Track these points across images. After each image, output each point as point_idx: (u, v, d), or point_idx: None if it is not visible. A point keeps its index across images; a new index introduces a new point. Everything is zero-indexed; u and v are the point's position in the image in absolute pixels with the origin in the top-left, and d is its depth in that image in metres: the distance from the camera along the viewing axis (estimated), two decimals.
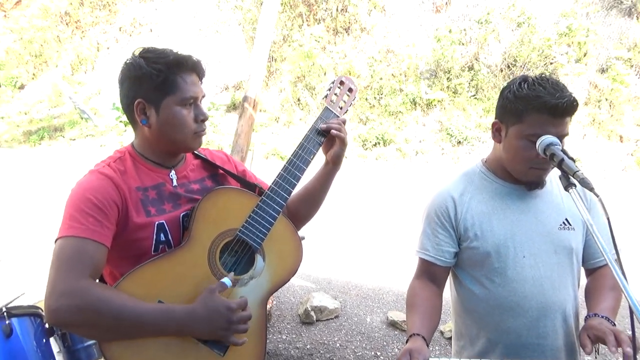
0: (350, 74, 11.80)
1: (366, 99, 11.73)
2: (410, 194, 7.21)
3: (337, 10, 13.31)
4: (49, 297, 1.08)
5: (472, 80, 11.28)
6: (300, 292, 3.88)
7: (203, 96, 1.37)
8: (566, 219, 1.49)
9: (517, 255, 1.45)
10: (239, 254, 1.35)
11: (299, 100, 12.35)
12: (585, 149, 9.62)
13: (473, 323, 1.56)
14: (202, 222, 1.31)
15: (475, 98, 11.16)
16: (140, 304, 1.13)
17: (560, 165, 1.22)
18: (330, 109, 1.53)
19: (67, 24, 17.67)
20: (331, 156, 1.49)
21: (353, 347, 3.05)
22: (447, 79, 11.43)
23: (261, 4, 12.58)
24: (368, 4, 13.28)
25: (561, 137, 1.33)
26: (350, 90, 1.60)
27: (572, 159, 1.23)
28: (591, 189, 1.13)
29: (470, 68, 11.47)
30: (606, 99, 10.45)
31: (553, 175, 1.52)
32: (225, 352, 1.24)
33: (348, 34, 13.27)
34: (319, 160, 1.52)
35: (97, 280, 1.20)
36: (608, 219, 1.15)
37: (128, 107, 1.31)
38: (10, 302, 1.70)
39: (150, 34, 15.97)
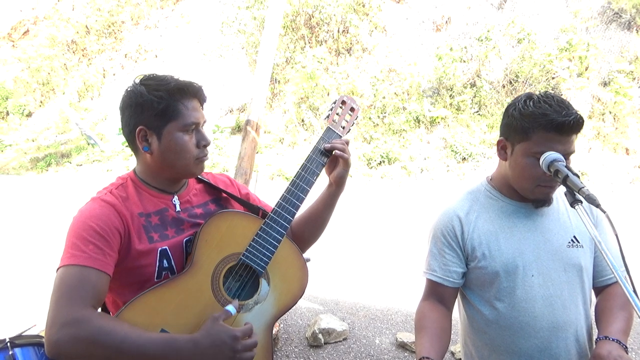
0: (353, 93, 11.90)
1: (370, 118, 11.79)
2: (417, 211, 7.18)
3: (338, 31, 13.48)
4: (49, 328, 1.06)
5: (474, 97, 11.33)
6: (308, 314, 3.84)
7: (204, 121, 1.36)
8: (574, 237, 1.47)
9: (526, 275, 1.42)
10: (243, 278, 1.33)
11: (303, 121, 12.43)
12: (592, 163, 9.58)
13: (483, 345, 1.53)
14: (204, 247, 1.30)
15: (479, 114, 11.19)
16: (143, 335, 1.11)
17: (565, 181, 1.21)
18: (333, 129, 1.51)
19: (73, 52, 18.00)
20: (334, 177, 1.47)
21: None
22: (450, 96, 11.49)
23: (264, 27, 12.80)
24: (369, 25, 13.45)
25: (568, 154, 1.32)
26: (352, 109, 1.57)
27: (576, 175, 1.22)
28: (597, 205, 1.12)
29: (473, 85, 11.53)
30: (610, 112, 10.45)
31: (559, 193, 1.50)
32: None
33: (350, 55, 13.42)
34: (323, 181, 1.51)
35: (100, 309, 1.18)
36: (616, 235, 1.13)
37: (130, 134, 1.31)
38: (21, 333, 1.68)
39: (155, 60, 16.21)
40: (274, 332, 3.14)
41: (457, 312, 1.64)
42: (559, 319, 1.41)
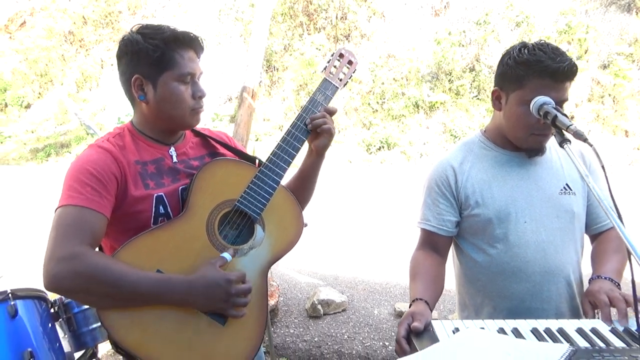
0: (352, 79, 11.87)
1: (369, 104, 11.78)
2: (415, 193, 7.19)
3: (336, 18, 13.43)
4: (47, 262, 1.08)
5: (473, 82, 11.32)
6: (307, 288, 3.87)
7: (201, 73, 1.37)
8: (567, 184, 1.49)
9: (518, 221, 1.44)
10: (238, 224, 1.34)
11: (301, 108, 12.42)
12: (584, 147, 9.57)
13: (477, 292, 1.55)
14: (200, 193, 1.31)
15: (478, 99, 11.18)
16: (139, 273, 1.13)
17: (554, 122, 1.22)
18: (329, 80, 1.51)
19: (71, 43, 17.94)
20: (317, 146, 1.47)
21: (361, 338, 3.03)
22: (449, 81, 11.48)
23: None
24: (367, 11, 13.39)
25: (561, 102, 1.33)
26: (350, 62, 1.57)
27: (566, 116, 1.23)
28: (584, 140, 1.13)
29: (472, 69, 11.51)
30: (609, 95, 10.44)
31: (552, 143, 1.52)
32: (226, 322, 1.23)
33: (349, 41, 13.37)
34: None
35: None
36: (603, 167, 1.15)
37: (126, 83, 1.32)
38: None
39: None
40: (272, 303, 3.17)
41: (451, 283, 1.64)
42: (551, 264, 1.44)
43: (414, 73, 11.82)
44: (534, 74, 1.33)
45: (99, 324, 1.81)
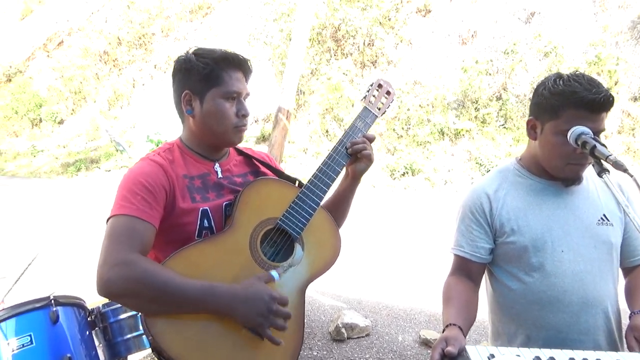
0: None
1: (394, 130, 11.82)
2: (440, 220, 7.14)
3: (364, 44, 13.62)
4: (101, 268, 1.13)
5: (500, 110, 11.27)
6: (331, 311, 3.85)
7: (247, 94, 1.43)
8: (604, 215, 1.47)
9: (555, 250, 1.42)
10: (279, 242, 1.38)
11: (327, 131, 12.53)
12: (621, 178, 9.39)
13: (510, 320, 1.53)
14: (244, 210, 1.35)
15: (504, 127, 11.11)
16: (186, 280, 1.17)
17: (592, 152, 1.22)
18: (369, 108, 1.56)
19: (105, 63, 18.58)
20: (355, 171, 1.51)
21: None
22: (475, 108, 11.45)
23: (290, 39, 13.02)
24: (395, 38, 13.55)
25: (598, 132, 1.32)
26: (388, 93, 1.63)
27: (604, 145, 1.23)
28: (624, 170, 1.13)
29: (499, 98, 11.47)
30: None
31: (589, 173, 1.51)
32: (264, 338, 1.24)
33: (375, 67, 13.51)
34: None
35: None
36: None
37: (177, 98, 1.40)
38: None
39: None
40: None
41: (483, 312, 1.63)
42: (589, 295, 1.41)
43: (440, 100, 11.84)
44: (569, 105, 1.33)
45: (133, 334, 1.86)
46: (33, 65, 20.13)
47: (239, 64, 1.39)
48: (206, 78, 1.34)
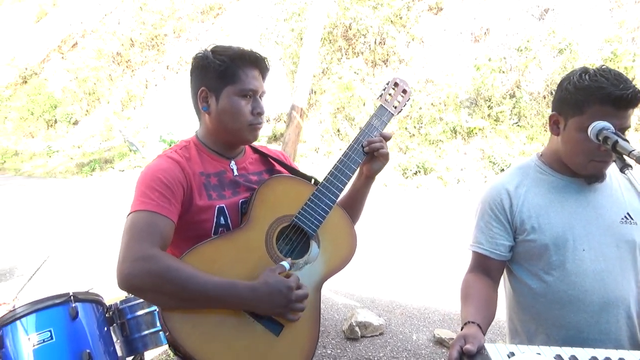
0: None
1: (406, 128, 11.76)
2: (452, 219, 7.10)
3: (375, 43, 13.57)
4: (122, 263, 1.14)
5: (514, 108, 11.16)
6: (344, 309, 3.85)
7: (263, 92, 1.43)
8: (628, 213, 1.43)
9: (576, 249, 1.40)
10: (295, 240, 1.38)
11: (338, 130, 12.52)
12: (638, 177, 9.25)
13: (530, 319, 1.51)
14: (260, 207, 1.36)
15: (518, 125, 11.01)
16: (207, 276, 1.18)
17: (614, 147, 1.20)
18: (385, 107, 1.57)
19: (118, 64, 18.76)
20: (370, 169, 1.52)
21: None
22: (488, 107, 11.35)
23: (301, 39, 13.01)
24: (406, 37, 13.49)
25: (623, 129, 1.30)
26: (404, 91, 1.63)
27: (626, 140, 1.21)
28: None
29: (512, 95, 11.36)
30: None
31: (612, 170, 1.48)
32: (280, 333, 1.26)
33: (386, 66, 13.47)
34: None
35: None
36: None
37: (194, 96, 1.41)
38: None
39: None
40: None
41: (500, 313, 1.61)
42: (611, 295, 1.38)
43: (452, 98, 11.77)
44: (595, 100, 1.30)
45: (151, 330, 1.87)
46: (48, 67, 20.41)
47: (255, 62, 1.39)
48: (222, 75, 1.35)
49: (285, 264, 1.29)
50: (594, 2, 11.54)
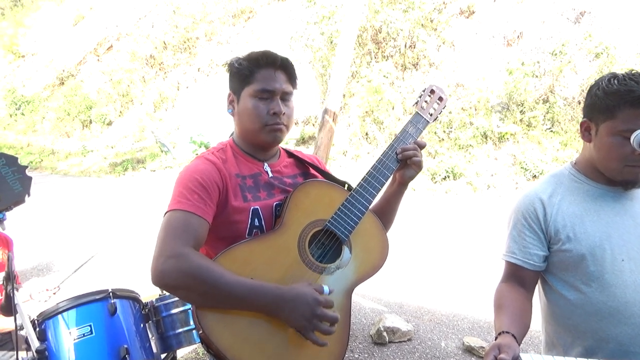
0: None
1: (435, 133, 11.64)
2: (482, 225, 6.99)
3: (405, 46, 13.48)
4: (156, 260, 1.17)
5: (547, 113, 10.91)
6: (372, 314, 3.84)
7: (287, 93, 1.43)
8: None
9: (615, 259, 1.37)
10: (327, 244, 1.39)
11: (367, 134, 12.48)
12: None
13: (567, 331, 1.47)
14: (294, 211, 1.38)
15: (552, 131, 10.76)
16: (235, 277, 1.20)
17: None
18: (421, 114, 1.57)
19: (151, 66, 19.20)
20: (403, 176, 1.52)
21: None
22: (520, 112, 11.13)
23: (331, 42, 13.04)
24: (437, 40, 13.36)
25: None
26: (440, 99, 1.63)
27: None
28: None
29: (545, 101, 11.11)
30: None
31: None
32: None
33: (416, 69, 13.36)
34: None
35: None
36: None
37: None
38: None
39: (226, 74, 16.90)
40: None
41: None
42: None
43: (483, 103, 11.58)
44: (625, 104, 1.29)
45: (184, 329, 1.91)
46: (84, 69, 21.04)
47: (273, 62, 1.40)
48: (240, 77, 1.40)
49: (326, 288, 1.27)
50: (633, 4, 11.19)
